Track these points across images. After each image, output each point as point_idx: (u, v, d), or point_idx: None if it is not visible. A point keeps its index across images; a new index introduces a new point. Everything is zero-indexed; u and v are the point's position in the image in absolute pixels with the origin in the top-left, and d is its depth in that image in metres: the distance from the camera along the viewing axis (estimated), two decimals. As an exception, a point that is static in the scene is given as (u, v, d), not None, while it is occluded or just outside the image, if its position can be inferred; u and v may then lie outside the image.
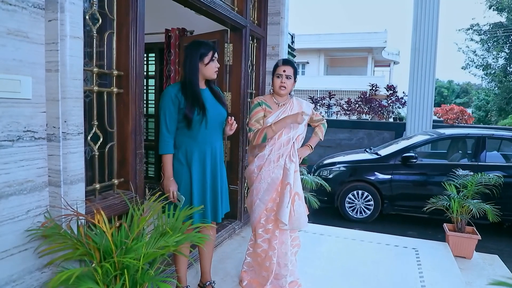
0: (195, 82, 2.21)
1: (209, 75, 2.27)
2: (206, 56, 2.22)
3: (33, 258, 1.55)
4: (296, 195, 2.47)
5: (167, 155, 2.20)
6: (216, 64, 2.28)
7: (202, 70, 2.23)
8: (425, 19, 8.49)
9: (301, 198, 2.51)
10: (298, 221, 2.48)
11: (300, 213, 2.48)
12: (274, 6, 4.19)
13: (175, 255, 2.26)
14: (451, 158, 5.74)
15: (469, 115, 10.92)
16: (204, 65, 2.23)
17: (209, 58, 2.23)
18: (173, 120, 2.18)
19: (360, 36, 23.60)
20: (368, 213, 5.37)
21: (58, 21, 1.51)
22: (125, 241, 1.55)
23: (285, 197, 2.44)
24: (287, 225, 2.45)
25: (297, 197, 2.47)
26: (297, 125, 2.50)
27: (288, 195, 2.44)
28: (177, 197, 2.20)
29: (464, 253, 3.62)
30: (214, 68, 2.27)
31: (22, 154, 1.48)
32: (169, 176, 2.20)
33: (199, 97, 2.20)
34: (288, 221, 2.44)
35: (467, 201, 3.66)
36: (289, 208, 2.44)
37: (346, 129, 9.97)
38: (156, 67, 5.32)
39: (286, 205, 2.43)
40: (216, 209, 2.29)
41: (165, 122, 2.17)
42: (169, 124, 2.17)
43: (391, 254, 3.46)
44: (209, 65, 2.23)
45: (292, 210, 2.45)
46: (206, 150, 2.25)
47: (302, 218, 2.50)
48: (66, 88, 1.54)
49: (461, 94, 32.23)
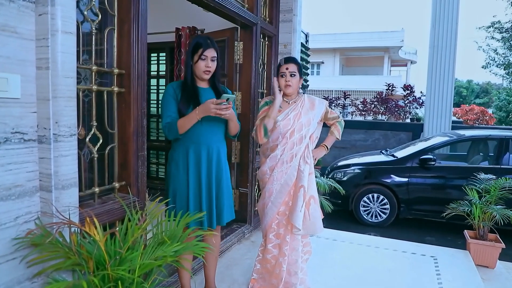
0: (190, 79, 2.13)
1: (198, 74, 2.14)
2: (196, 53, 2.09)
3: (23, 268, 1.45)
4: (311, 199, 2.35)
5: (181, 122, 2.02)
6: (206, 63, 2.10)
7: (193, 69, 2.12)
8: (444, 16, 8.23)
9: (317, 201, 2.39)
10: (314, 226, 2.36)
11: (315, 217, 2.35)
12: (287, 3, 4.06)
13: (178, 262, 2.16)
14: (471, 160, 5.51)
15: (490, 116, 10.53)
16: (194, 63, 2.11)
17: (198, 56, 2.09)
18: (174, 110, 2.08)
19: (377, 35, 23.24)
20: (383, 217, 5.18)
21: (49, 15, 1.41)
22: (119, 251, 1.44)
23: (299, 200, 2.32)
24: (301, 230, 2.33)
25: (312, 201, 2.35)
26: (309, 122, 2.38)
27: (302, 198, 2.32)
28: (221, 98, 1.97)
29: (486, 262, 3.42)
30: (203, 67, 2.10)
31: (10, 157, 1.39)
32: (196, 110, 1.99)
33: (195, 94, 2.10)
34: (302, 226, 2.31)
35: (489, 207, 3.45)
36: (303, 212, 2.32)
37: (362, 130, 9.75)
38: (166, 67, 5.25)
39: (299, 209, 2.30)
40: (211, 215, 2.16)
41: (167, 113, 2.08)
42: (171, 112, 2.07)
43: (408, 263, 3.29)
44: (197, 63, 2.10)
45: (308, 214, 2.32)
46: (201, 150, 2.12)
47: (317, 223, 2.37)
48: (57, 86, 1.44)
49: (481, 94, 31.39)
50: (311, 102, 2.48)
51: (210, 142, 2.15)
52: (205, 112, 1.97)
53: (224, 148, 2.28)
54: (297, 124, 2.38)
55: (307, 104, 2.45)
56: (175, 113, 2.08)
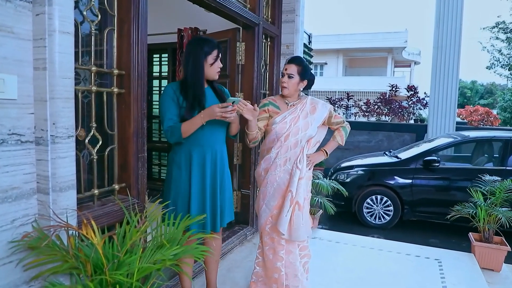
0: (200, 82, 2.06)
1: (211, 75, 2.12)
2: (210, 55, 2.06)
3: (19, 271, 1.43)
4: (296, 205, 2.30)
5: (185, 126, 1.98)
6: (219, 64, 2.12)
7: (205, 70, 2.08)
8: (448, 16, 8.17)
9: (302, 208, 2.32)
10: (296, 233, 2.31)
11: (298, 224, 2.30)
12: (289, 3, 4.03)
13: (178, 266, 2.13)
14: (476, 162, 5.45)
15: (495, 117, 10.40)
16: (210, 65, 2.08)
17: (213, 58, 2.07)
18: (175, 112, 2.03)
19: (380, 36, 23.12)
20: (387, 219, 5.13)
21: (46, 15, 1.39)
22: (117, 254, 1.42)
23: (285, 205, 2.29)
24: (285, 235, 2.30)
25: (297, 207, 2.30)
26: (307, 127, 2.34)
27: (289, 204, 2.28)
28: (227, 102, 1.95)
29: (492, 265, 3.37)
30: (217, 68, 2.11)
31: (6, 159, 1.37)
32: (201, 114, 1.96)
33: (202, 99, 2.05)
34: (286, 231, 2.28)
35: (495, 209, 3.40)
36: (289, 218, 2.28)
37: (365, 131, 9.69)
38: (169, 68, 5.24)
39: (285, 214, 2.27)
40: (215, 218, 2.13)
41: (168, 115, 2.02)
42: (172, 115, 2.02)
43: (412, 265, 3.25)
44: (213, 65, 2.08)
45: (292, 220, 2.29)
46: (206, 153, 2.09)
47: (300, 230, 2.31)
48: (55, 87, 1.42)
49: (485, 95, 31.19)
50: (313, 105, 2.40)
51: (214, 144, 2.13)
52: (210, 116, 1.95)
53: (226, 150, 2.26)
54: (293, 128, 2.32)
55: (308, 107, 2.39)
56: (176, 116, 2.04)
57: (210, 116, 1.95)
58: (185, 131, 1.98)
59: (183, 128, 1.98)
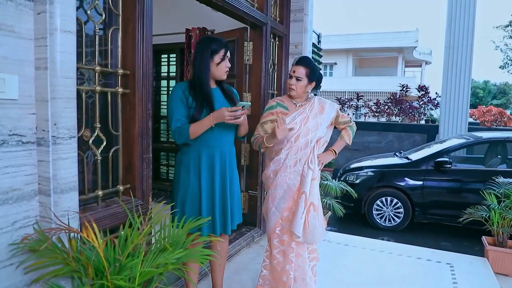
0: (205, 81, 2.04)
1: (218, 75, 2.08)
2: (217, 54, 2.03)
3: (20, 274, 1.41)
4: (311, 206, 2.25)
5: (193, 128, 1.97)
6: (227, 64, 2.09)
7: (212, 70, 2.05)
8: (460, 15, 8.02)
9: (317, 209, 2.29)
10: (312, 235, 2.27)
11: (314, 225, 2.26)
12: (297, 2, 3.98)
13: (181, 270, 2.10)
14: (489, 163, 5.33)
15: (508, 117, 10.20)
16: (216, 65, 2.05)
17: (220, 57, 2.04)
18: (183, 113, 2.01)
19: (390, 35, 22.88)
20: (397, 221, 5.04)
21: (47, 14, 1.36)
22: (119, 258, 1.39)
23: (300, 207, 2.24)
24: (300, 238, 2.25)
25: (312, 208, 2.26)
26: (317, 127, 2.29)
27: (303, 205, 2.23)
28: (237, 105, 1.93)
29: (506, 270, 3.27)
30: (225, 68, 2.08)
31: (7, 160, 1.34)
32: (210, 117, 1.95)
33: (210, 98, 2.02)
34: (301, 234, 2.23)
35: (509, 212, 3.30)
36: (303, 219, 2.23)
37: (375, 132, 9.58)
38: (177, 68, 5.23)
39: (300, 216, 2.22)
40: (226, 220, 2.10)
41: (176, 116, 2.00)
42: (180, 116, 2.00)
43: (423, 270, 3.17)
44: (220, 65, 2.05)
45: (307, 222, 2.24)
46: (215, 154, 2.06)
47: (316, 231, 2.27)
48: (56, 87, 1.40)
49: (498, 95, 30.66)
50: (321, 105, 2.37)
51: (223, 145, 2.10)
52: (219, 119, 1.94)
53: (234, 151, 2.24)
54: (303, 128, 2.28)
55: (316, 107, 2.34)
56: (184, 117, 2.02)
57: (219, 119, 1.94)
58: (193, 132, 1.97)
59: (191, 129, 1.96)
